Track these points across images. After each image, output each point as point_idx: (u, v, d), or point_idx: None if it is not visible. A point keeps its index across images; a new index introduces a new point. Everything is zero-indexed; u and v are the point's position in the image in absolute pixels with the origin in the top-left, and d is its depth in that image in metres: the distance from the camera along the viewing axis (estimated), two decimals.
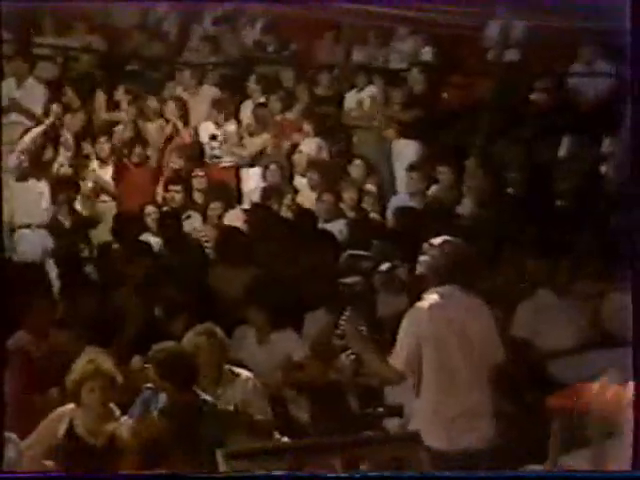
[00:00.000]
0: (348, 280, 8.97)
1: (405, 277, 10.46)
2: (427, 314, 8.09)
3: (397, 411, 8.97)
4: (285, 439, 8.47)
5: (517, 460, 8.10)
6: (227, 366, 9.18)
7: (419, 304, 8.16)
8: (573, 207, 13.49)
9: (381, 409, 9.18)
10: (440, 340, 8.09)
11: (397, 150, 15.17)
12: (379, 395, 9.27)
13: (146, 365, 8.93)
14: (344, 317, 8.56)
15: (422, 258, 8.38)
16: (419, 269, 8.50)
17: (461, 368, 8.03)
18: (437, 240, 8.55)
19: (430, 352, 8.01)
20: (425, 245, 8.51)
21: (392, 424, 9.04)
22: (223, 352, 9.19)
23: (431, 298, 8.20)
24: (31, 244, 13.08)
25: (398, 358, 8.01)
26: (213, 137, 15.18)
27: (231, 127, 15.35)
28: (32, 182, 13.86)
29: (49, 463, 8.29)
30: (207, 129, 15.35)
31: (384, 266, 10.20)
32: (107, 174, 14.44)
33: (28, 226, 13.39)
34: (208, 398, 8.78)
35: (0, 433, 4.34)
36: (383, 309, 10.20)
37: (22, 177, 13.80)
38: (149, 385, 8.67)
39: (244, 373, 9.17)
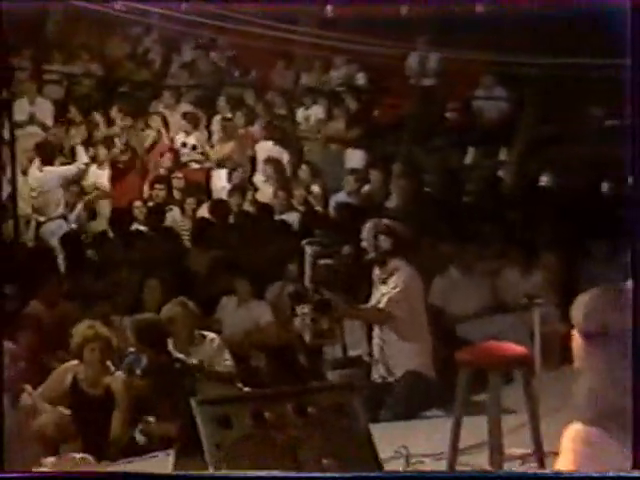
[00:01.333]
0: (322, 262, 8.96)
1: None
2: (415, 273, 8.70)
3: (357, 362, 9.01)
4: (247, 389, 8.49)
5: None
6: (197, 331, 9.29)
7: (408, 267, 8.75)
8: (477, 203, 13.56)
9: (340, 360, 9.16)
10: (419, 294, 8.70)
11: (340, 157, 15.22)
12: (321, 352, 9.29)
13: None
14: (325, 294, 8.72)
15: (382, 237, 8.63)
16: (384, 245, 8.75)
17: (422, 314, 8.70)
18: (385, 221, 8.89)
19: (414, 301, 8.66)
20: (369, 226, 8.81)
21: (333, 375, 9.05)
22: (194, 319, 9.28)
23: (404, 264, 8.55)
24: (44, 233, 13.04)
25: (397, 305, 8.44)
26: (189, 145, 15.18)
27: (203, 137, 15.35)
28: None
29: (58, 407, 8.37)
30: (184, 139, 15.34)
31: (345, 249, 10.15)
32: (104, 177, 14.40)
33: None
34: (181, 356, 8.88)
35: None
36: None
37: None
38: (131, 349, 8.76)
39: (210, 335, 9.25)
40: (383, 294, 8.91)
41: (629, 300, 3.60)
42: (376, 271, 9.07)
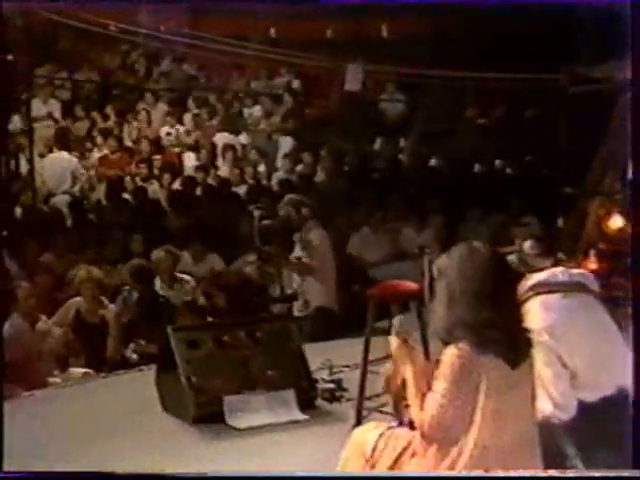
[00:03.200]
0: (265, 222, 8.93)
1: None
2: (324, 233, 8.86)
3: (292, 298, 9.01)
4: (210, 319, 8.46)
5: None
6: (177, 273, 9.25)
7: (318, 229, 8.83)
8: (383, 179, 13.58)
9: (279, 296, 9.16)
10: (328, 249, 8.85)
11: (280, 144, 15.18)
12: (266, 291, 9.29)
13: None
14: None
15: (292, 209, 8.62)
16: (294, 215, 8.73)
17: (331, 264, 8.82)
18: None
19: (324, 254, 8.77)
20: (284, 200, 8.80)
21: (276, 308, 9.06)
22: (175, 263, 9.25)
23: (315, 227, 8.69)
24: (55, 202, 12.89)
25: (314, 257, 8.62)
26: (165, 133, 15.15)
27: (177, 128, 15.30)
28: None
29: (66, 332, 8.33)
30: (163, 129, 15.26)
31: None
32: (107, 157, 14.31)
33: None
34: (164, 294, 8.84)
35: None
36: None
37: None
38: (126, 287, 8.71)
39: (186, 277, 9.21)
40: (302, 249, 8.88)
41: (481, 254, 3.63)
42: (296, 232, 9.01)
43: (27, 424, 6.39)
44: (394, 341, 3.87)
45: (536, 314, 3.86)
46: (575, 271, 4.06)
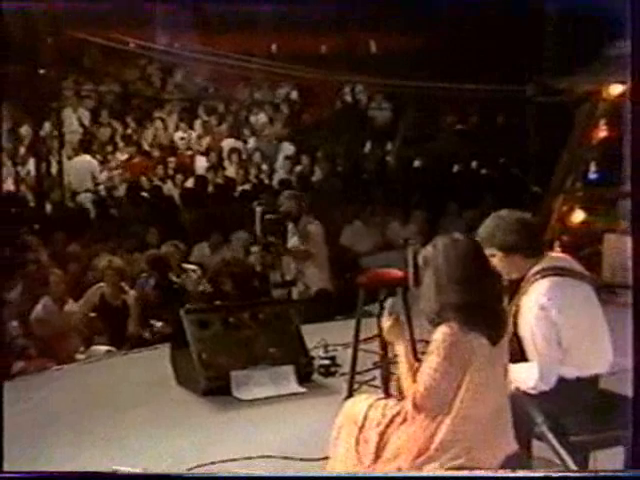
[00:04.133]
0: (267, 217, 8.84)
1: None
2: (319, 224, 8.49)
3: (291, 283, 8.95)
4: (218, 302, 8.43)
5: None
6: (185, 264, 9.19)
7: (314, 222, 8.48)
8: (371, 178, 13.59)
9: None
10: (322, 239, 8.55)
11: (281, 147, 15.15)
12: (267, 278, 9.23)
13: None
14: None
15: (292, 203, 8.51)
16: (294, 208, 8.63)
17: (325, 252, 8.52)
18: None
19: (320, 243, 8.48)
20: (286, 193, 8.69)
21: (275, 293, 9.01)
22: (182, 256, 9.21)
23: (311, 219, 8.43)
24: (80, 199, 12.86)
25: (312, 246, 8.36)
26: (181, 139, 15.11)
27: (190, 134, 15.26)
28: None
29: (91, 313, 8.32)
30: (177, 135, 15.22)
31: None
32: (127, 160, 14.27)
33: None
34: (177, 280, 8.81)
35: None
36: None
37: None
38: (144, 274, 8.67)
39: (192, 267, 9.17)
40: (298, 239, 8.79)
41: (462, 243, 3.61)
42: (290, 224, 8.90)
43: (56, 395, 6.40)
44: (387, 320, 3.83)
45: (543, 292, 3.82)
46: (574, 261, 4.03)
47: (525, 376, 3.80)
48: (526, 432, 3.72)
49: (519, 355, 3.83)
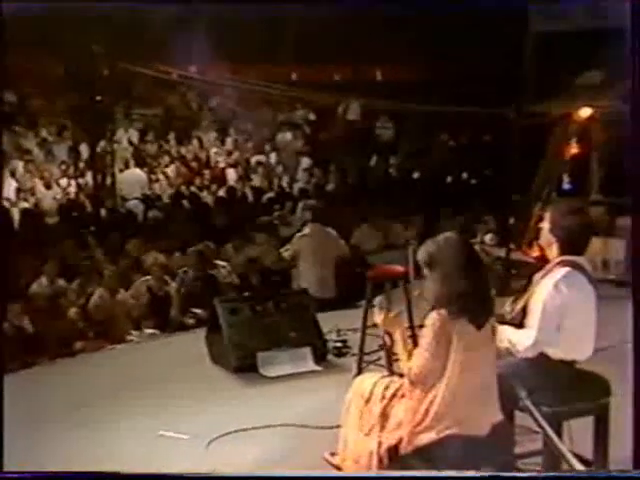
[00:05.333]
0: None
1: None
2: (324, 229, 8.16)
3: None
4: (246, 293, 8.39)
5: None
6: (216, 261, 9.12)
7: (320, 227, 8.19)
8: (376, 188, 13.50)
9: None
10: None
11: (300, 161, 15.10)
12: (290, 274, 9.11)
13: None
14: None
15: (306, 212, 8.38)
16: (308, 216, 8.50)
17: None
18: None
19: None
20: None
21: (295, 285, 8.80)
22: (213, 255, 9.16)
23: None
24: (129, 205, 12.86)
25: None
26: (215, 154, 15.11)
27: (222, 150, 15.24)
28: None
29: (140, 301, 8.31)
30: (211, 151, 15.19)
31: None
32: (170, 172, 14.27)
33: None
34: (213, 273, 8.78)
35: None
36: None
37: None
38: (185, 269, 8.66)
39: (222, 263, 9.10)
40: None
41: (455, 241, 3.59)
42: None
43: (110, 370, 6.42)
44: (379, 314, 3.81)
45: (561, 275, 3.76)
46: (589, 265, 3.98)
47: (520, 338, 3.74)
48: (511, 404, 3.70)
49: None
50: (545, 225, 3.90)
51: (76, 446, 4.79)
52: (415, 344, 3.61)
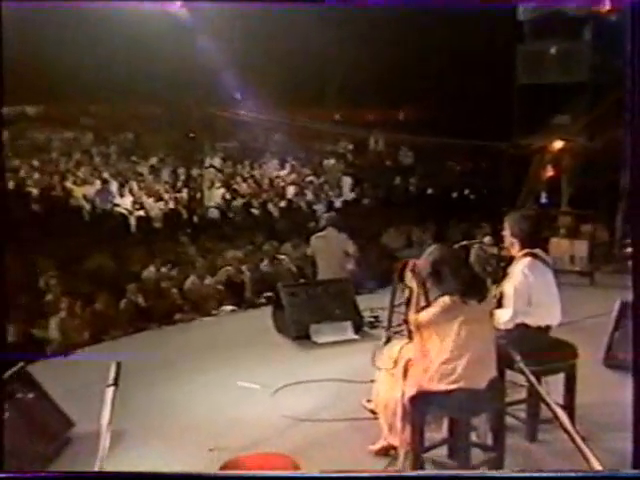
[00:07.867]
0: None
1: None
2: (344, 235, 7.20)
3: None
4: (302, 280, 8.28)
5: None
6: (279, 255, 8.81)
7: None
8: (398, 202, 13.22)
9: None
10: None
11: (343, 181, 15.03)
12: None
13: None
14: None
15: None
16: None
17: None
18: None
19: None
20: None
21: None
22: (276, 251, 8.73)
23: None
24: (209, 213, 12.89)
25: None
26: (276, 176, 15.06)
27: (282, 173, 15.21)
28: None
29: (220, 286, 8.14)
30: (274, 173, 15.07)
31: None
32: (244, 189, 14.26)
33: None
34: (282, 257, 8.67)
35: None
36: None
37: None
38: (255, 262, 8.53)
39: (283, 257, 8.74)
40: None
41: (451, 249, 3.60)
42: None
43: (200, 337, 6.47)
44: (408, 273, 3.67)
45: (526, 264, 3.84)
46: (544, 253, 4.04)
47: (501, 315, 3.80)
48: (504, 365, 3.66)
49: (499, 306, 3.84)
50: (506, 232, 3.96)
51: (174, 391, 4.85)
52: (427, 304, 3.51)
